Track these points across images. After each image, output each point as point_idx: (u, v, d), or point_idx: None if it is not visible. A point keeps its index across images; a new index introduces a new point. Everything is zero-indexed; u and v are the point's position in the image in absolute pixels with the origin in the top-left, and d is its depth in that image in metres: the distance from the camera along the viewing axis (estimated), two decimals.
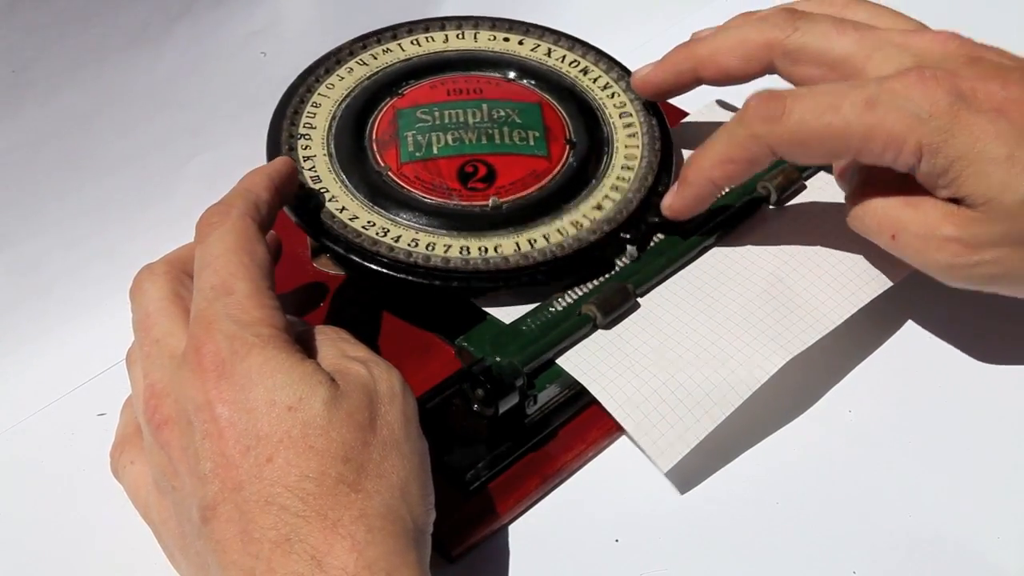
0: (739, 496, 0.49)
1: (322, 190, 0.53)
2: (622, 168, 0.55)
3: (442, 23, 0.61)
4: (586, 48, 0.60)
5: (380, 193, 0.53)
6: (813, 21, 0.51)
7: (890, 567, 0.47)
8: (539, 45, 0.60)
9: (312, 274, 0.56)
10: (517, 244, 0.51)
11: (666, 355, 0.50)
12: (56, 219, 0.58)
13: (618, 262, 0.54)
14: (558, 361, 0.50)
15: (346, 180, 0.54)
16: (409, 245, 0.51)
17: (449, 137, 0.55)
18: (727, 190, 0.55)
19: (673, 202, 0.53)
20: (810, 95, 0.48)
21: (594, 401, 0.49)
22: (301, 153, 0.55)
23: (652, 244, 0.54)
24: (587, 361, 0.50)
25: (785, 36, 0.51)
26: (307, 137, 0.55)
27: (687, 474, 0.49)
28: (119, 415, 0.48)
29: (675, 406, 0.49)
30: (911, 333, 0.55)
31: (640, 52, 0.61)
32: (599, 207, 0.53)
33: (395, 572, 0.38)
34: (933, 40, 0.49)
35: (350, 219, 0.52)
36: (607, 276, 0.53)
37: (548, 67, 0.59)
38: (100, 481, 0.48)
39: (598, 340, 0.51)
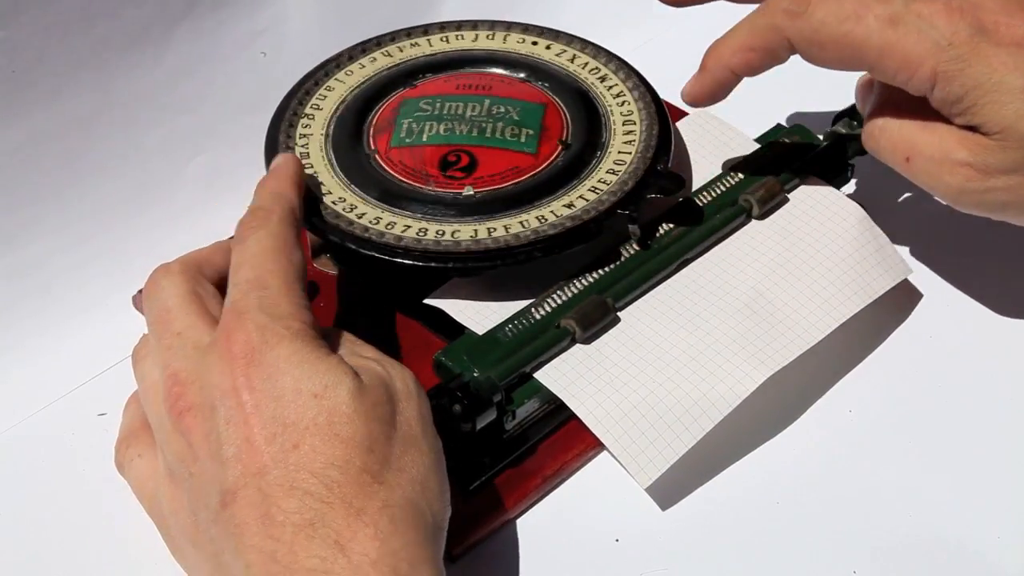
0: (739, 496, 0.49)
1: (306, 166, 0.54)
2: (611, 165, 0.55)
3: (474, 24, 0.61)
4: (609, 56, 0.60)
5: (359, 172, 0.54)
6: None
7: (890, 567, 0.47)
8: (565, 51, 0.60)
9: (312, 274, 0.56)
10: (475, 231, 0.51)
11: (646, 370, 0.50)
12: (56, 220, 0.58)
13: (623, 251, 0.53)
14: (536, 375, 0.50)
15: (333, 159, 0.54)
16: (371, 222, 0.52)
17: (442, 127, 0.55)
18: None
19: (692, 88, 0.53)
20: None
21: (574, 416, 0.49)
22: (300, 131, 0.55)
23: (628, 256, 0.53)
24: (566, 376, 0.50)
25: None
26: (310, 117, 0.56)
27: (687, 474, 0.49)
28: (122, 413, 0.48)
29: (655, 422, 0.48)
30: (911, 333, 0.55)
31: (639, 52, 0.61)
32: (583, 198, 0.53)
33: (416, 563, 0.39)
34: None
35: (324, 193, 0.53)
36: (587, 284, 0.52)
37: (567, 72, 0.59)
38: (100, 481, 0.49)
39: (577, 354, 0.50)
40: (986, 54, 0.46)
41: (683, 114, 0.63)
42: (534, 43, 0.60)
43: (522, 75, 0.59)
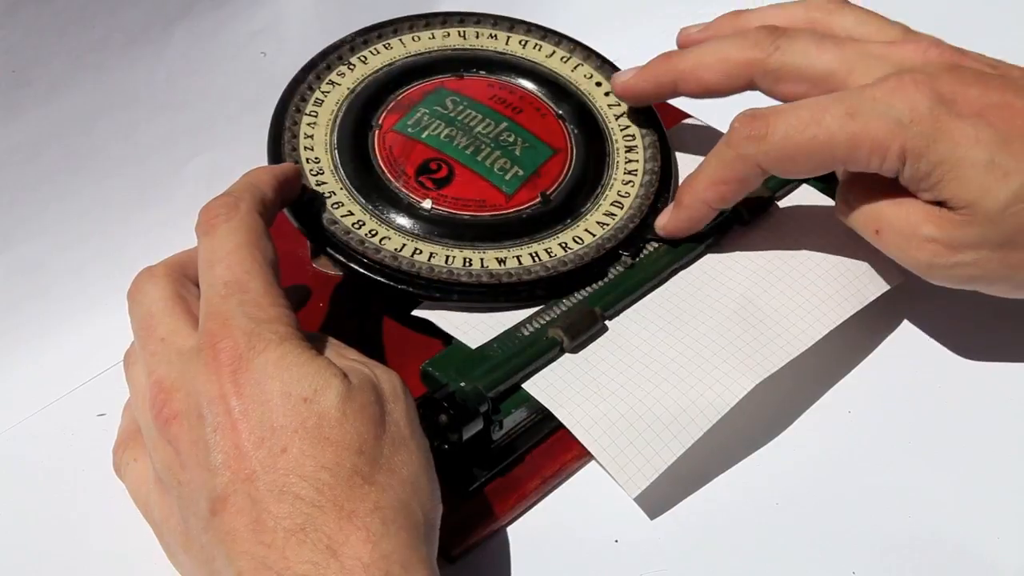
0: (739, 496, 0.49)
1: (311, 112, 0.55)
2: (582, 231, 0.54)
3: (528, 27, 0.61)
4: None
5: (348, 142, 0.54)
6: (793, 39, 0.52)
7: (890, 567, 0.47)
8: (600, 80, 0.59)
9: (312, 274, 0.56)
10: (404, 244, 0.51)
11: (634, 379, 0.50)
12: (56, 220, 0.58)
13: (612, 271, 0.53)
14: (524, 386, 0.49)
15: (339, 119, 0.55)
16: (325, 194, 0.52)
17: (446, 131, 0.55)
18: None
19: (668, 223, 0.53)
20: (792, 110, 0.49)
21: (562, 425, 0.49)
22: (322, 88, 0.56)
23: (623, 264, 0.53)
24: (553, 386, 0.49)
25: (766, 55, 0.52)
26: (350, 65, 0.57)
27: (687, 475, 0.49)
28: (120, 415, 0.48)
29: (643, 431, 0.48)
30: (911, 333, 0.55)
31: (640, 52, 0.61)
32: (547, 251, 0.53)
33: (408, 565, 0.39)
34: (915, 50, 0.50)
35: (306, 147, 0.54)
36: (576, 301, 0.52)
37: (599, 112, 0.58)
38: (100, 481, 0.49)
39: (565, 364, 0.50)
40: (948, 128, 0.46)
41: (682, 116, 0.62)
42: (588, 76, 0.59)
43: (559, 111, 0.57)
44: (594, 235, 0.53)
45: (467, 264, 0.51)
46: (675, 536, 0.48)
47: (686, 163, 0.59)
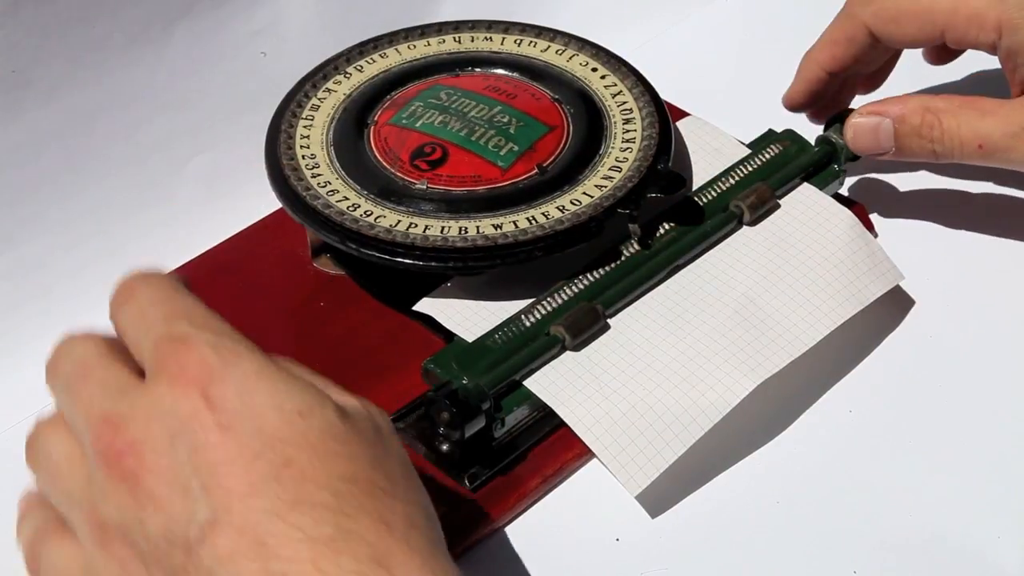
0: (739, 496, 0.50)
1: (307, 116, 0.56)
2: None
3: (538, 31, 0.61)
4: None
5: (344, 139, 0.55)
6: None
7: (890, 567, 0.47)
8: (609, 76, 0.59)
9: (312, 274, 0.56)
10: (399, 220, 0.51)
11: (636, 377, 0.50)
12: (57, 220, 0.58)
13: (624, 251, 0.53)
14: (526, 383, 0.49)
15: (335, 120, 0.56)
16: (320, 185, 0.53)
17: (440, 119, 0.55)
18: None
19: (788, 92, 0.59)
20: None
21: (564, 423, 0.49)
22: (319, 93, 0.57)
23: (619, 261, 0.53)
24: (555, 383, 0.49)
25: None
26: (347, 74, 0.58)
27: (688, 473, 0.49)
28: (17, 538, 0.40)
29: (644, 430, 0.48)
30: (911, 333, 0.55)
31: (640, 52, 0.61)
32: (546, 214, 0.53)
33: None
34: None
35: (302, 146, 0.54)
36: (577, 290, 0.52)
37: (595, 94, 0.58)
38: None
39: (567, 362, 0.50)
40: None
41: (682, 115, 0.63)
42: (583, 63, 0.59)
43: (555, 95, 0.57)
44: (592, 196, 0.53)
45: (463, 232, 0.51)
46: (676, 535, 0.48)
47: (686, 157, 0.59)
